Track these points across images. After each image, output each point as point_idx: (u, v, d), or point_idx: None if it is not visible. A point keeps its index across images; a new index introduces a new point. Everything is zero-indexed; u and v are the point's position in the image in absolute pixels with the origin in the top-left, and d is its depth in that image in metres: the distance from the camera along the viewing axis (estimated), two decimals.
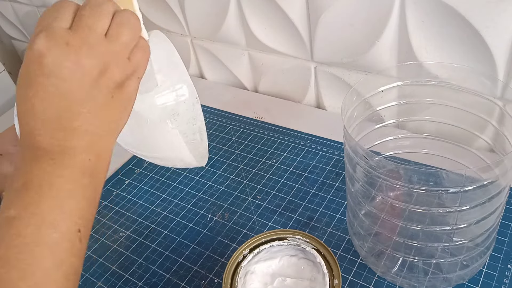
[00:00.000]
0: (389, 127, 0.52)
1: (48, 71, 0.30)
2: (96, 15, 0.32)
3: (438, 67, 0.52)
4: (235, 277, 0.45)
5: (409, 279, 0.46)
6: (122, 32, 0.32)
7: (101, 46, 0.31)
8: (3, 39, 1.39)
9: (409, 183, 0.38)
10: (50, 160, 0.31)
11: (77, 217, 0.31)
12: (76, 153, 0.32)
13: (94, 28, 0.31)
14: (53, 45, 0.30)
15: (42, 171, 0.31)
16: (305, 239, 0.47)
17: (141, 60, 0.35)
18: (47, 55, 0.30)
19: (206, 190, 0.65)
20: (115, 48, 0.32)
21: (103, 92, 0.32)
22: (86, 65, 0.31)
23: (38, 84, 0.30)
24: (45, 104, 0.31)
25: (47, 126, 0.31)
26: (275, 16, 0.71)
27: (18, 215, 0.29)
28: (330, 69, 0.72)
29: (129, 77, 0.34)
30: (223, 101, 0.83)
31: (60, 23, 0.31)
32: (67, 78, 0.30)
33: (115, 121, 0.34)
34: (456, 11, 0.53)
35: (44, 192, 0.30)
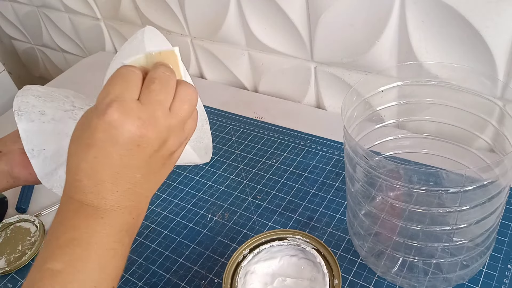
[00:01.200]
0: (389, 127, 0.52)
1: (118, 140, 0.32)
2: (165, 91, 0.34)
3: (438, 67, 0.52)
4: (235, 277, 0.45)
5: (409, 279, 0.46)
6: (184, 108, 0.35)
7: (166, 121, 0.34)
8: (3, 39, 1.39)
9: (409, 183, 0.38)
10: (100, 219, 0.32)
11: (114, 275, 0.33)
12: (125, 213, 0.34)
13: (163, 104, 0.34)
14: (126, 119, 0.32)
15: (91, 229, 0.32)
16: (305, 239, 0.47)
17: (192, 129, 0.37)
18: (119, 128, 0.32)
19: (206, 190, 0.65)
20: (176, 123, 0.35)
21: (159, 162, 0.35)
22: (151, 138, 0.33)
23: (102, 150, 0.32)
24: (105, 168, 0.32)
25: (101, 187, 0.33)
26: (275, 16, 0.71)
27: (64, 270, 0.31)
28: (330, 69, 0.72)
29: (180, 146, 0.36)
30: (223, 101, 0.83)
31: (131, 95, 0.33)
32: (132, 150, 0.33)
33: (159, 184, 0.37)
34: (456, 11, 0.53)
35: (91, 250, 0.32)
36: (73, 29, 1.11)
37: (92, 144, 0.32)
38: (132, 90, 0.33)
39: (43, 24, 1.18)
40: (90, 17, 1.04)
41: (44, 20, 1.16)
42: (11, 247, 0.62)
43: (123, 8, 0.94)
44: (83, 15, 1.04)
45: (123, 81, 0.33)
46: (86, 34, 1.10)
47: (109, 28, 1.04)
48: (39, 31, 1.21)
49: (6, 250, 0.62)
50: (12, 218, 0.65)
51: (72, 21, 1.09)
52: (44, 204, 0.68)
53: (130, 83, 0.33)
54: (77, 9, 1.03)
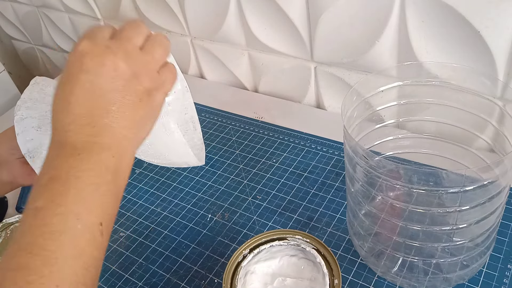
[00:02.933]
0: (389, 127, 0.52)
1: (87, 67, 0.34)
2: (135, 31, 0.37)
3: (438, 67, 0.52)
4: (235, 277, 0.45)
5: (409, 279, 0.46)
6: (155, 49, 0.37)
7: (136, 55, 0.36)
8: (3, 39, 1.39)
9: (409, 183, 0.38)
10: (77, 156, 0.33)
11: (100, 210, 0.33)
12: (102, 149, 0.34)
13: (131, 40, 0.36)
14: (95, 46, 0.34)
15: (68, 165, 0.33)
16: (305, 239, 0.47)
17: (169, 78, 0.39)
18: (88, 54, 0.34)
19: (206, 190, 0.65)
20: (147, 59, 0.36)
21: (132, 94, 0.35)
22: (121, 67, 0.34)
23: (76, 80, 0.34)
24: (79, 99, 0.34)
25: (78, 121, 0.33)
26: (275, 16, 0.71)
27: (45, 206, 0.31)
28: (330, 69, 0.72)
29: (157, 88, 0.37)
30: (223, 101, 0.83)
31: (102, 33, 0.36)
32: (103, 76, 0.34)
33: (139, 126, 0.37)
34: (456, 11, 0.53)
35: (70, 185, 0.32)
36: (73, 29, 1.11)
37: (66, 79, 0.34)
38: (103, 32, 0.36)
39: (43, 24, 1.18)
40: (90, 17, 1.04)
41: (44, 20, 1.16)
42: None
43: (123, 8, 0.94)
44: (83, 15, 1.04)
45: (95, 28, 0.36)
46: None
47: None
48: (39, 31, 1.21)
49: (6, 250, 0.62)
50: (12, 218, 0.65)
51: (72, 21, 1.09)
52: None
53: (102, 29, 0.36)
54: (77, 9, 1.03)
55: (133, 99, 0.35)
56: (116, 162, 0.35)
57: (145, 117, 0.37)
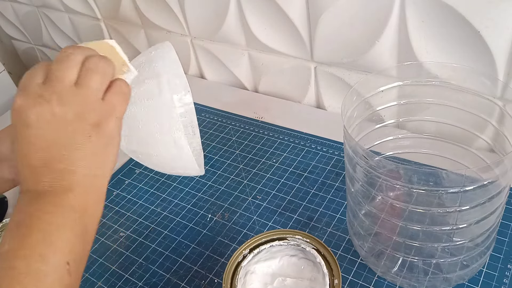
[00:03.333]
0: (389, 127, 0.52)
1: (27, 122, 0.34)
2: (64, 67, 0.35)
3: (438, 67, 0.52)
4: (235, 277, 0.45)
5: (409, 279, 0.46)
6: (90, 78, 0.36)
7: (70, 94, 0.35)
8: (3, 39, 1.39)
9: (409, 183, 0.38)
10: (40, 200, 0.33)
11: (66, 250, 0.33)
12: (64, 190, 0.34)
13: (62, 79, 0.35)
14: (28, 99, 0.34)
15: (33, 208, 0.33)
16: (305, 239, 0.47)
17: (118, 101, 0.37)
18: (24, 108, 0.34)
19: (206, 190, 0.65)
20: (84, 93, 0.35)
21: (80, 135, 0.35)
22: (59, 112, 0.34)
23: (22, 138, 0.34)
24: (31, 152, 0.34)
25: (35, 173, 0.34)
26: (275, 16, 0.71)
27: (10, 248, 0.31)
28: (330, 69, 0.72)
29: (106, 118, 0.36)
30: (223, 101, 0.83)
31: (34, 80, 0.35)
32: (45, 127, 0.34)
33: (99, 160, 0.36)
34: (456, 11, 0.53)
35: (33, 227, 0.32)
36: (73, 29, 1.11)
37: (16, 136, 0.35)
38: (35, 76, 0.35)
39: (43, 24, 1.18)
40: (90, 17, 1.04)
41: (44, 20, 1.16)
42: None
43: (123, 8, 0.94)
44: (83, 15, 1.04)
45: (29, 72, 0.36)
46: (86, 34, 1.10)
47: (109, 28, 1.04)
48: (39, 31, 1.21)
49: None
50: None
51: (72, 21, 1.09)
52: None
53: (34, 72, 0.35)
54: (77, 9, 1.03)
55: (82, 139, 0.35)
56: (81, 200, 0.34)
57: (102, 149, 0.36)
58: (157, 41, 0.95)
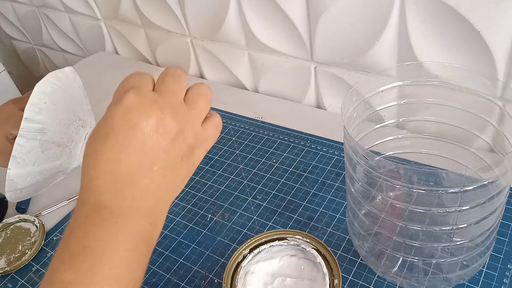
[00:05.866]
0: (389, 127, 0.52)
1: (134, 123, 0.31)
2: (178, 83, 0.35)
3: (438, 67, 0.52)
4: (235, 277, 0.45)
5: (409, 279, 0.46)
6: (198, 101, 0.35)
7: (182, 109, 0.34)
8: (3, 39, 1.39)
9: (409, 183, 0.38)
10: (114, 224, 0.31)
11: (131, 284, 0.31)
12: (141, 215, 0.32)
13: (177, 94, 0.34)
14: (142, 101, 0.32)
15: (105, 235, 0.30)
16: (305, 239, 0.47)
17: (213, 134, 0.36)
18: (136, 109, 0.31)
19: (206, 190, 0.65)
20: (192, 114, 0.34)
21: (175, 152, 0.33)
22: (168, 124, 0.32)
23: (120, 136, 0.31)
24: (122, 156, 0.31)
25: (117, 182, 0.31)
26: (275, 16, 0.71)
27: (75, 280, 0.29)
28: (330, 69, 0.72)
29: (199, 145, 0.35)
30: (223, 101, 0.83)
31: (147, 86, 0.33)
32: (150, 133, 0.31)
33: (177, 186, 0.35)
34: (456, 11, 0.53)
35: (104, 259, 0.30)
36: (73, 29, 1.11)
37: (109, 133, 0.31)
38: (147, 82, 0.34)
39: (43, 24, 1.18)
40: (90, 17, 1.04)
41: (44, 20, 1.16)
42: (11, 247, 0.62)
43: (123, 8, 0.94)
44: (83, 15, 1.04)
45: (138, 76, 0.34)
46: (86, 34, 1.10)
47: (109, 28, 1.04)
48: (39, 31, 1.21)
49: (6, 250, 0.62)
50: (12, 218, 0.65)
51: (72, 21, 1.09)
52: (44, 204, 0.68)
53: (144, 79, 0.34)
54: (77, 9, 1.03)
55: (176, 158, 0.33)
56: (152, 229, 0.33)
57: (183, 176, 0.35)
58: (157, 41, 0.95)
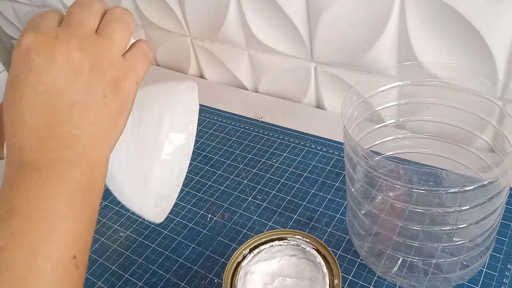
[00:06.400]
0: (389, 127, 0.52)
1: (36, 66, 0.28)
2: (86, 11, 0.31)
3: (438, 67, 0.52)
4: (235, 277, 0.45)
5: (409, 279, 0.46)
6: (113, 29, 0.31)
7: (91, 41, 0.30)
8: (3, 39, 1.39)
9: (409, 183, 0.38)
10: (38, 179, 0.28)
11: (71, 242, 0.28)
12: (67, 166, 0.29)
13: (83, 24, 0.30)
14: (41, 39, 0.28)
15: (29, 193, 0.27)
16: (305, 239, 0.47)
17: (140, 62, 0.32)
18: (35, 49, 0.28)
19: (206, 190, 0.65)
20: (106, 44, 0.30)
21: (94, 91, 0.29)
22: (76, 59, 0.29)
23: (26, 84, 0.28)
24: (33, 106, 0.28)
25: (35, 133, 0.28)
26: (275, 16, 0.71)
27: (6, 245, 0.26)
28: (330, 69, 0.72)
29: (125, 78, 0.31)
30: (223, 101, 0.83)
31: (48, 21, 0.30)
32: (56, 74, 0.28)
33: (109, 128, 0.31)
34: (456, 11, 0.53)
35: (32, 218, 0.27)
36: None
37: (14, 82, 0.28)
38: (49, 20, 0.30)
39: None
40: None
41: None
42: None
43: None
44: None
45: (41, 14, 0.30)
46: None
47: None
48: None
49: None
50: None
51: None
52: None
53: (47, 15, 0.30)
54: None
55: (96, 96, 0.29)
56: (86, 179, 0.29)
57: (114, 115, 0.31)
58: (157, 41, 0.95)
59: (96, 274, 0.56)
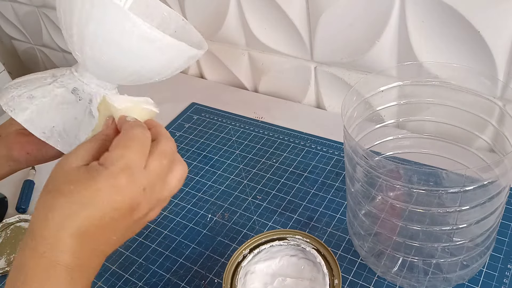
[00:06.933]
0: (389, 127, 0.52)
1: (115, 206, 0.33)
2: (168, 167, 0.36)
3: (438, 67, 0.52)
4: (235, 277, 0.45)
5: (409, 279, 0.46)
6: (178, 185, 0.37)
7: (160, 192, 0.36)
8: (3, 39, 1.39)
9: (409, 183, 0.38)
10: (70, 280, 0.33)
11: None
12: (91, 272, 0.35)
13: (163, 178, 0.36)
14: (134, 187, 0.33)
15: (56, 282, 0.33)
16: (305, 239, 0.47)
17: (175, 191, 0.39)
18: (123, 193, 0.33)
19: (206, 190, 0.65)
20: (166, 196, 0.37)
21: (137, 227, 0.37)
22: (143, 208, 0.35)
23: (98, 211, 0.33)
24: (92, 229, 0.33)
25: (83, 247, 0.33)
26: (275, 16, 0.71)
27: None
28: (330, 69, 0.72)
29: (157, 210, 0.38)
30: (223, 101, 0.83)
31: (141, 163, 0.34)
32: (126, 216, 0.34)
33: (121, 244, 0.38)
34: (456, 11, 0.53)
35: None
36: None
37: (88, 202, 0.32)
38: (143, 156, 0.35)
39: (43, 24, 1.18)
40: None
41: (44, 20, 1.16)
42: (11, 247, 0.62)
43: None
44: None
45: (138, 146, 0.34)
46: None
47: None
48: (39, 31, 1.21)
49: (6, 250, 0.62)
50: (12, 218, 0.65)
51: None
52: None
53: (144, 148, 0.35)
54: None
55: (134, 231, 0.37)
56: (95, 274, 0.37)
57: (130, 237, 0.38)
58: None
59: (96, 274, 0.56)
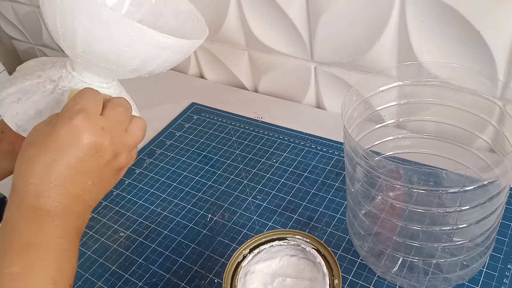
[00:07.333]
0: (389, 127, 0.52)
1: (80, 145, 0.36)
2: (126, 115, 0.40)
3: (438, 67, 0.52)
4: (235, 277, 0.45)
5: (409, 279, 0.46)
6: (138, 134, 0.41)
7: (122, 138, 0.39)
8: (3, 39, 1.39)
9: (409, 183, 0.38)
10: (51, 222, 0.35)
11: (70, 275, 0.36)
12: (74, 217, 0.37)
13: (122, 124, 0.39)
14: (92, 125, 0.36)
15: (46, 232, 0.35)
16: (305, 239, 0.47)
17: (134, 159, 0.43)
18: (83, 132, 0.36)
19: (206, 190, 0.65)
20: (129, 142, 0.40)
21: (109, 172, 0.39)
22: (108, 148, 0.37)
23: (63, 152, 0.35)
24: (61, 171, 0.35)
25: (55, 190, 0.35)
26: (275, 16, 0.71)
27: (23, 272, 0.33)
28: (330, 69, 0.72)
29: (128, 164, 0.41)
30: (223, 101, 0.83)
31: (97, 109, 0.38)
32: (91, 156, 0.36)
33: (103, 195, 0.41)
34: (456, 11, 0.53)
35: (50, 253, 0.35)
36: None
37: (53, 147, 0.35)
38: (97, 105, 0.38)
39: (43, 24, 1.18)
40: None
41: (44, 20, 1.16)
42: None
43: None
44: None
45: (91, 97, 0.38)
46: None
47: None
48: (39, 31, 1.21)
49: None
50: None
51: None
52: None
53: (97, 101, 0.38)
54: None
55: (108, 176, 0.39)
56: (82, 227, 0.39)
57: (110, 188, 0.41)
58: None
59: (96, 274, 0.56)
